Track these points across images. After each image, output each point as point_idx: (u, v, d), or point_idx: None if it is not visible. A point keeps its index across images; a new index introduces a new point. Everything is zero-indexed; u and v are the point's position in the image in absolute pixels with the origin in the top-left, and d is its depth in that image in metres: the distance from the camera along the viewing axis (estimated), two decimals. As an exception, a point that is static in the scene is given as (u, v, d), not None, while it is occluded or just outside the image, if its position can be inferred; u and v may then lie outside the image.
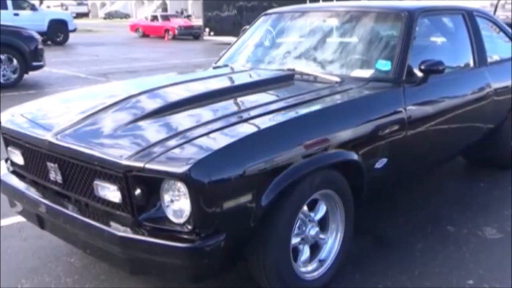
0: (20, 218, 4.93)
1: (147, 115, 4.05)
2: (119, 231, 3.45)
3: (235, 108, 4.37)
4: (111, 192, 3.54)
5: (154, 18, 46.46)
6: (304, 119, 4.03)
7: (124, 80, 7.63)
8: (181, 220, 3.32)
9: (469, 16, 6.29)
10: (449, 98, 5.45)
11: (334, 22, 6.01)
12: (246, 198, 3.41)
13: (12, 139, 4.37)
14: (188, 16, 66.12)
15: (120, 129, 3.85)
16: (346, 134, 4.16)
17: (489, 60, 6.37)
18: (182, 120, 3.96)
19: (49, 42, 31.08)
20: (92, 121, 4.05)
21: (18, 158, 4.37)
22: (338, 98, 4.55)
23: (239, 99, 4.54)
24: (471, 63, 6.14)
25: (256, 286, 3.94)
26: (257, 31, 6.63)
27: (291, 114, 4.05)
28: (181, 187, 3.24)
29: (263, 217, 3.52)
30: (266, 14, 6.76)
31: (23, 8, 29.67)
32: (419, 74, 5.01)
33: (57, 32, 32.49)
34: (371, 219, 5.50)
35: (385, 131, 4.51)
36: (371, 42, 5.55)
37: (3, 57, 14.64)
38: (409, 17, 5.25)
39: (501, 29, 7.16)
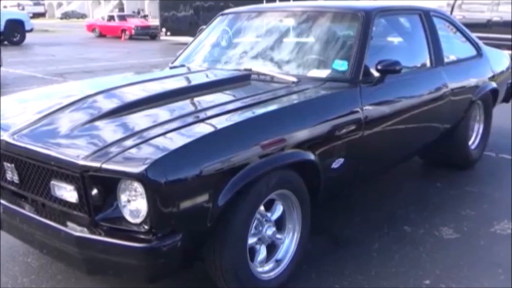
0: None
1: (104, 115, 4.05)
2: (75, 231, 3.44)
3: (191, 108, 4.36)
4: (67, 192, 3.52)
5: (111, 18, 46.18)
6: (261, 119, 4.04)
7: (81, 80, 7.62)
8: (138, 220, 3.31)
9: (426, 16, 6.34)
10: (406, 98, 5.48)
11: (291, 22, 6.03)
12: (202, 198, 3.41)
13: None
14: (145, 16, 66.02)
15: (77, 129, 3.84)
16: (302, 134, 4.17)
17: (446, 60, 6.42)
18: (138, 120, 3.96)
19: (5, 42, 30.82)
20: (48, 121, 4.03)
21: (-27, 158, 4.32)
22: (294, 98, 4.57)
23: (195, 99, 4.54)
24: (428, 63, 6.19)
25: (212, 286, 3.93)
26: (214, 31, 6.62)
27: (248, 114, 4.06)
28: (138, 187, 3.23)
29: (219, 217, 3.52)
30: (223, 14, 6.76)
31: (-20, 9, 29.36)
32: (376, 74, 5.03)
33: (14, 32, 32.18)
34: (328, 219, 5.52)
35: (341, 131, 4.52)
36: (328, 42, 5.57)
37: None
38: (366, 17, 5.28)
39: (458, 29, 7.24)
